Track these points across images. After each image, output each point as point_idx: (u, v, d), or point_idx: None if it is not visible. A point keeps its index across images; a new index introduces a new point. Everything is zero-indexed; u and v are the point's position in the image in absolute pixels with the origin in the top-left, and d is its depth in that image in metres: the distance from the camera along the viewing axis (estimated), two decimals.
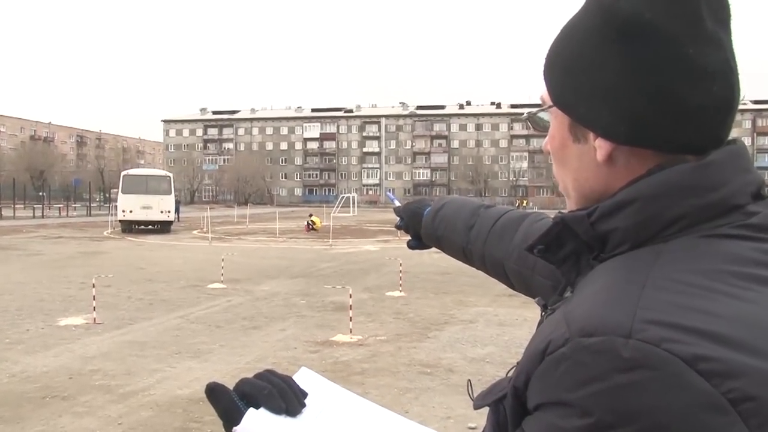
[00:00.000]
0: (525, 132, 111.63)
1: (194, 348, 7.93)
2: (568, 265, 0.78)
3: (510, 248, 1.25)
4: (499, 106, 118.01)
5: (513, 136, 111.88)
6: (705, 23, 0.69)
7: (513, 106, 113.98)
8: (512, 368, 0.82)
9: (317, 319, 9.88)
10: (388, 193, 2.02)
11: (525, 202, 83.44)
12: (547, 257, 0.79)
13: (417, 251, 1.53)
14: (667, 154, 0.71)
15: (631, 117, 0.70)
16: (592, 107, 0.73)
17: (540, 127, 0.86)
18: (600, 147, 0.73)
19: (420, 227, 1.45)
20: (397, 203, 1.61)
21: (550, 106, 0.80)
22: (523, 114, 0.90)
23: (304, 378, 0.81)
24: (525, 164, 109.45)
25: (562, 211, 0.80)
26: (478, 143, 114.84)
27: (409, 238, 1.51)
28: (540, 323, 0.83)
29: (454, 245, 1.37)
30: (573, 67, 0.75)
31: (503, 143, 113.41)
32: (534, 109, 0.86)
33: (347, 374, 6.81)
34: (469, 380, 1.03)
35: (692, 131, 0.70)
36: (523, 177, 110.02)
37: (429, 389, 6.33)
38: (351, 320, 8.71)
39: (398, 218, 1.53)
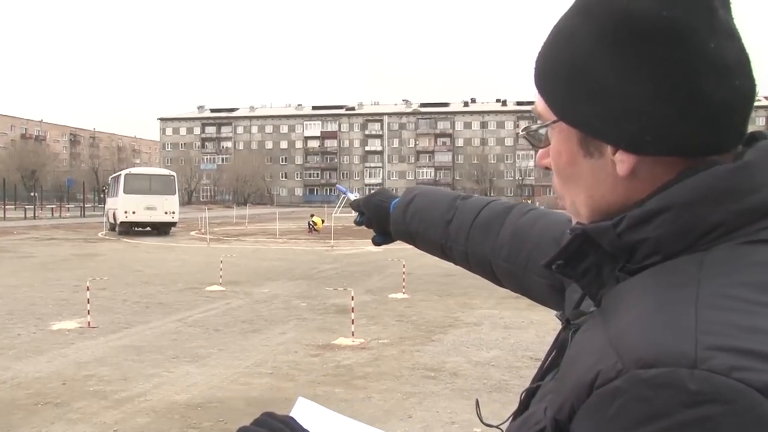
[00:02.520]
0: None
1: (192, 352, 7.93)
2: (588, 278, 0.74)
3: (497, 244, 1.19)
4: (504, 103, 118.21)
5: (519, 134, 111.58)
6: (718, 13, 0.66)
7: (519, 104, 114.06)
8: (525, 391, 0.79)
9: (318, 322, 9.88)
10: (338, 185, 1.92)
11: (531, 201, 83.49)
12: (566, 273, 0.75)
13: (425, 254, 1.47)
14: (694, 158, 0.68)
15: (657, 125, 0.66)
16: (609, 120, 0.68)
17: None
18: (622, 161, 0.69)
19: (386, 222, 1.37)
20: (353, 196, 1.53)
21: (555, 121, 0.74)
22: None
23: (303, 411, 0.79)
24: (531, 163, 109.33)
25: (581, 222, 0.76)
26: (483, 141, 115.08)
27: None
28: (560, 337, 0.80)
29: (430, 241, 1.30)
30: (580, 78, 0.70)
31: (509, 141, 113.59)
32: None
33: (349, 378, 6.81)
34: (477, 400, 1.02)
35: (720, 130, 0.67)
36: (529, 176, 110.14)
37: (433, 394, 6.33)
38: (353, 323, 8.72)
39: (356, 213, 1.43)
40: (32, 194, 64.14)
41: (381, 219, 1.38)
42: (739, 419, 0.54)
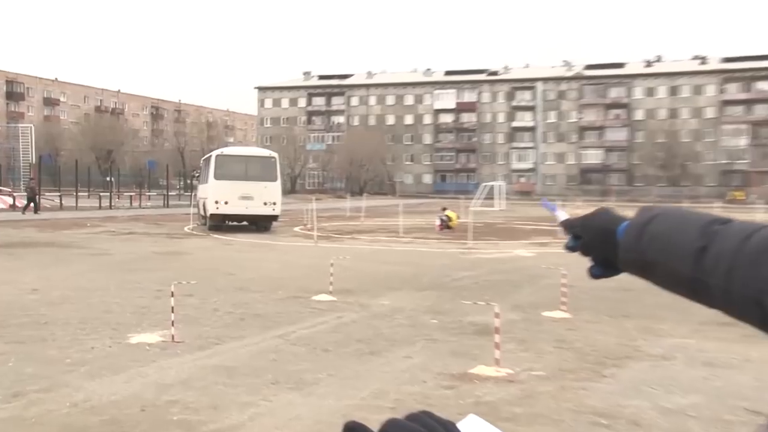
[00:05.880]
0: (744, 95, 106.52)
1: (296, 377, 8.12)
2: None
3: None
4: (704, 60, 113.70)
5: (725, 102, 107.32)
6: None
7: (726, 60, 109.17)
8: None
9: (453, 344, 9.87)
10: (545, 201, 1.97)
11: (741, 194, 79.71)
12: None
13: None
14: None
15: None
16: None
17: None
18: None
19: (609, 248, 1.39)
20: (563, 215, 1.56)
21: None
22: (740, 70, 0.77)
23: (470, 427, 0.78)
24: (742, 141, 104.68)
25: None
26: (673, 113, 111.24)
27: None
28: None
29: (675, 275, 1.29)
30: None
31: (710, 112, 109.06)
32: None
33: (492, 419, 6.68)
34: None
35: None
36: (739, 160, 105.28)
37: None
38: (497, 348, 8.63)
39: (569, 236, 1.48)
40: (108, 179, 68.00)
41: (604, 245, 1.40)
42: None
